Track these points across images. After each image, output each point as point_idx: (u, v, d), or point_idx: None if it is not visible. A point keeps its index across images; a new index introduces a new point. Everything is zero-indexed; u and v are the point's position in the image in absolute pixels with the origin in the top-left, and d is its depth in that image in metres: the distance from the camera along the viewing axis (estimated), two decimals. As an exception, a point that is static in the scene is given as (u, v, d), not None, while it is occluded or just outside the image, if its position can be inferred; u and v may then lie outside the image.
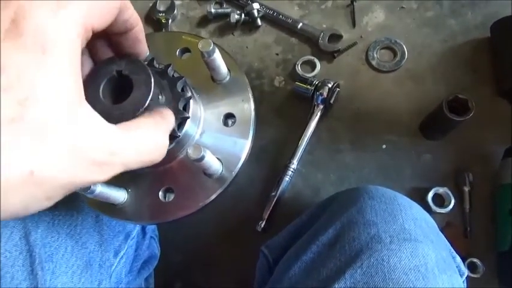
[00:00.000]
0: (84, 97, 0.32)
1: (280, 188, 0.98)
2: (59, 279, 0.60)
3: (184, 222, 0.53)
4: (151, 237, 0.87)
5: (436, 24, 1.10)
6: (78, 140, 0.30)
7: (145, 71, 0.42)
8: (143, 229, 0.83)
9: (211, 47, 0.48)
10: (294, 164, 0.99)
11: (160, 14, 1.23)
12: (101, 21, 0.34)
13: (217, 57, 0.51)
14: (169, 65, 0.49)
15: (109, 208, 0.53)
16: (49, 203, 0.31)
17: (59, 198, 0.32)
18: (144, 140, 0.37)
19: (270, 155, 1.05)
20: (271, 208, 0.97)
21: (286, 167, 0.99)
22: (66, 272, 0.62)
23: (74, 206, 0.66)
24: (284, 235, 0.76)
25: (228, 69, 0.56)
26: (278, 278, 0.65)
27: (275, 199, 0.97)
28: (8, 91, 0.27)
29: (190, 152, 0.44)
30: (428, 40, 1.09)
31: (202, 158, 0.45)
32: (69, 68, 0.31)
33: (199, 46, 0.48)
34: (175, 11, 1.22)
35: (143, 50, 0.45)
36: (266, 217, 0.97)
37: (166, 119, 0.42)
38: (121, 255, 0.72)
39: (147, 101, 0.41)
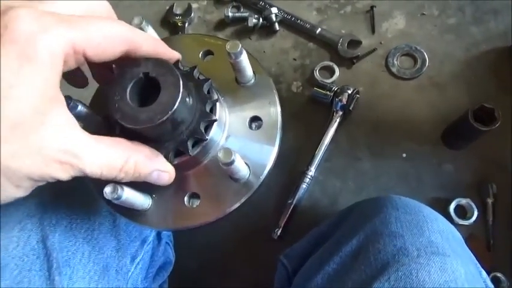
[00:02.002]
0: (59, 104, 0.37)
1: (297, 196, 0.96)
2: (76, 285, 0.59)
3: (200, 228, 0.52)
4: (166, 242, 0.85)
5: (458, 32, 1.08)
6: (43, 139, 0.35)
7: (173, 73, 0.41)
8: (158, 235, 0.81)
9: (239, 49, 0.47)
10: (312, 171, 0.97)
11: (176, 17, 1.22)
12: (95, 52, 0.38)
13: (244, 59, 0.49)
14: (194, 67, 0.48)
15: (133, 214, 0.51)
16: (20, 192, 0.36)
17: (30, 188, 0.37)
18: (109, 156, 0.40)
19: (287, 161, 1.03)
20: (287, 216, 0.96)
21: (304, 174, 0.97)
22: (84, 277, 0.60)
23: (91, 210, 0.65)
24: (303, 244, 0.75)
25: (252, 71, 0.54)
26: (299, 288, 0.64)
27: (292, 207, 0.96)
28: None
29: (221, 155, 0.43)
30: (450, 47, 1.07)
31: (233, 162, 0.43)
32: (46, 78, 0.35)
33: (227, 47, 0.47)
34: (192, 15, 1.22)
35: (173, 56, 0.47)
36: (282, 225, 0.95)
37: (140, 152, 0.43)
38: (137, 261, 0.71)
39: (176, 104, 0.40)
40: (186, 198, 0.51)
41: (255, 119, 0.53)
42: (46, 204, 0.60)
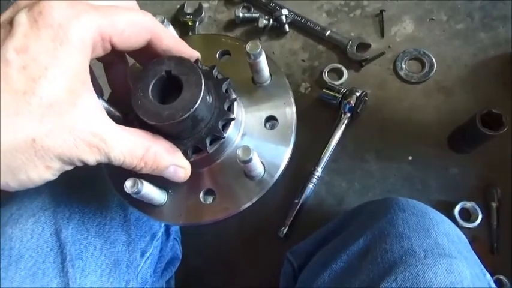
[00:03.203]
0: (89, 89, 0.38)
1: (304, 195, 0.97)
2: (88, 278, 0.60)
3: (209, 224, 0.53)
4: (174, 238, 0.86)
5: (466, 37, 1.09)
6: (75, 120, 0.36)
7: (195, 72, 0.42)
8: (167, 230, 0.83)
9: (259, 50, 0.48)
10: (319, 172, 0.98)
11: (187, 16, 1.23)
12: (121, 39, 0.40)
13: (263, 60, 0.50)
14: (214, 66, 0.48)
15: (149, 208, 0.52)
16: (48, 174, 0.37)
17: (58, 171, 0.38)
18: (132, 144, 0.41)
19: (294, 161, 1.02)
20: (294, 215, 0.97)
21: (311, 174, 0.98)
22: (95, 270, 0.61)
23: (103, 205, 0.66)
24: (310, 242, 0.76)
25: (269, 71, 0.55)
26: (305, 285, 0.64)
27: (298, 206, 0.97)
28: (25, 69, 0.34)
29: (240, 153, 0.44)
30: (458, 52, 1.08)
31: (251, 160, 0.44)
32: (78, 61, 0.36)
33: (247, 48, 0.48)
34: (202, 14, 1.23)
35: (192, 55, 0.48)
36: (288, 223, 0.96)
37: (160, 144, 0.44)
38: (147, 255, 0.72)
39: (198, 101, 0.41)
40: (201, 195, 0.52)
41: (270, 119, 0.54)
42: (59, 198, 0.61)
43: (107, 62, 0.49)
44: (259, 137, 0.53)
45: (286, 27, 1.16)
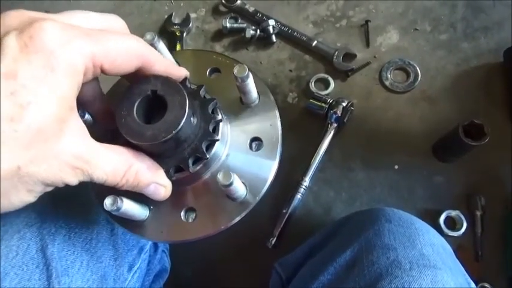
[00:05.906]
0: (75, 113, 0.38)
1: (292, 205, 0.98)
2: (75, 294, 0.60)
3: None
4: (162, 251, 0.86)
5: (449, 47, 1.11)
6: (61, 145, 0.36)
7: (180, 93, 0.42)
8: (155, 243, 0.82)
9: (246, 73, 0.48)
10: (306, 182, 0.99)
11: (175, 27, 1.24)
12: (112, 66, 0.40)
13: (250, 82, 0.50)
14: (201, 86, 0.48)
15: (131, 224, 0.52)
16: (29, 197, 0.37)
17: (40, 193, 0.38)
18: (115, 163, 0.41)
19: (282, 171, 1.02)
20: (282, 225, 0.97)
21: (298, 184, 0.99)
22: (82, 286, 0.61)
23: (90, 219, 0.66)
24: (298, 253, 0.76)
25: (257, 93, 0.55)
26: (294, 298, 0.65)
27: (286, 216, 0.97)
28: (13, 95, 0.33)
29: (220, 177, 0.44)
30: (441, 62, 1.10)
31: (231, 183, 0.44)
32: (68, 88, 0.36)
33: (235, 71, 0.47)
34: (190, 24, 1.23)
35: (181, 76, 0.48)
36: (277, 234, 0.96)
37: (142, 161, 0.44)
38: (135, 269, 0.71)
39: (181, 123, 0.41)
40: (182, 213, 0.52)
41: (256, 140, 0.54)
42: (45, 214, 0.60)
43: (86, 105, 0.48)
44: (244, 158, 0.53)
45: (273, 37, 1.17)
